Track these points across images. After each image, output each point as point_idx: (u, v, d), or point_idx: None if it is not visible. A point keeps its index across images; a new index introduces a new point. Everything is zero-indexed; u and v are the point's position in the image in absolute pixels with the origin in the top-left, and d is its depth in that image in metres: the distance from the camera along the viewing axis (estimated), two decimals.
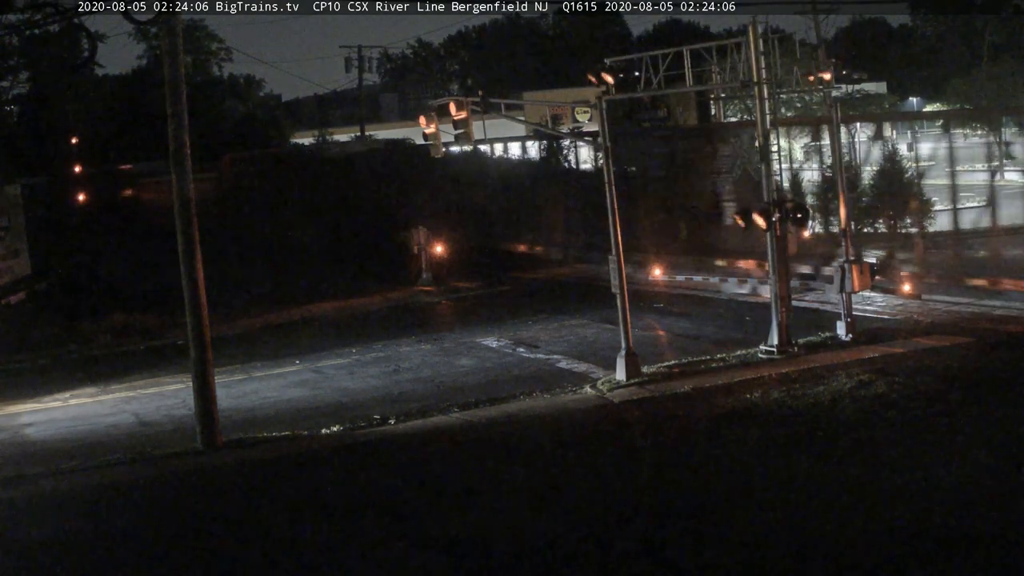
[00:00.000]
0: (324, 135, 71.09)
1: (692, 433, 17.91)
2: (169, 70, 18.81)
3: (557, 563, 12.92)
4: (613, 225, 21.82)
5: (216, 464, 17.88)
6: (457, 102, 22.06)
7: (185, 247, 18.83)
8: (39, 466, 18.10)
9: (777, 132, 24.88)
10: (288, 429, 19.61)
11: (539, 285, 35.58)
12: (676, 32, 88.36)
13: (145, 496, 16.49)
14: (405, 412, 20.22)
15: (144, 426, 21.03)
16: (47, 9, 20.73)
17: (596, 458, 16.97)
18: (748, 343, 23.28)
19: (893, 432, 16.77)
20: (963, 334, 22.79)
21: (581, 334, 26.78)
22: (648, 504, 14.61)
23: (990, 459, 15.12)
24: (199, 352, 18.94)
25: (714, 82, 25.94)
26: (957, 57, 66.91)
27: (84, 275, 43.03)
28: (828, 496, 14.25)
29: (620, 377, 21.24)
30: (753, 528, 13.40)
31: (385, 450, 18.01)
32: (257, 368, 25.32)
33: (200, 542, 14.42)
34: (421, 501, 15.31)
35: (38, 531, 15.09)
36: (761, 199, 22.62)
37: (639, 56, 24.66)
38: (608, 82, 21.85)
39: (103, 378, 25.20)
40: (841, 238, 24.34)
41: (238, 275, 36.17)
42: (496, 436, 18.34)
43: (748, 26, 22.34)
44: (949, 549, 12.39)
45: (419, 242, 36.27)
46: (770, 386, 19.93)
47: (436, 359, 25.27)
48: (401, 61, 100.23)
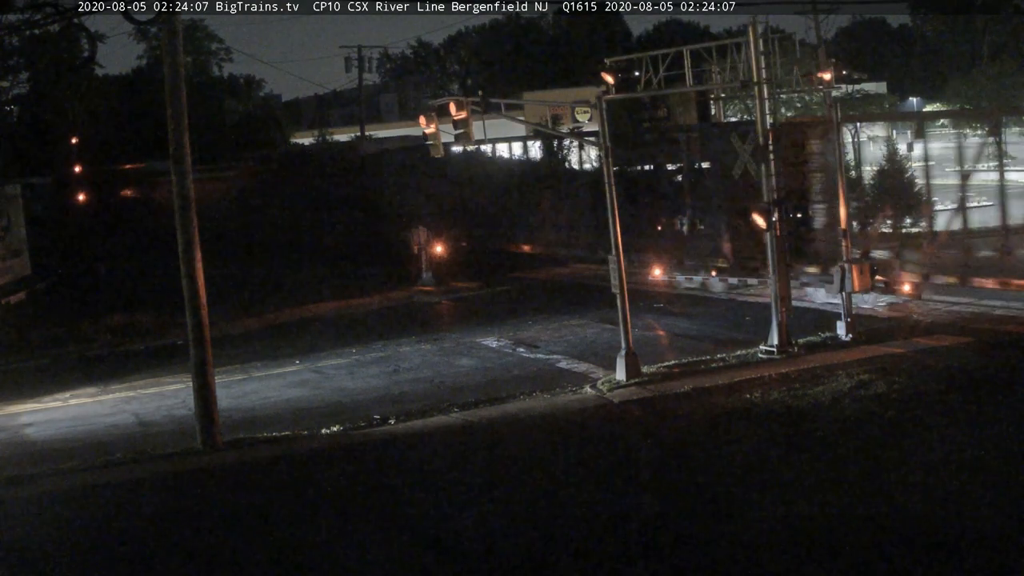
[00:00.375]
0: (324, 135, 71.07)
1: (692, 433, 17.91)
2: (169, 70, 18.81)
3: (557, 563, 12.92)
4: (613, 225, 21.83)
5: (216, 464, 17.88)
6: (457, 102, 22.06)
7: (185, 247, 18.83)
8: (39, 466, 18.09)
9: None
10: (288, 429, 19.61)
11: (539, 285, 35.59)
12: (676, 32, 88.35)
13: (145, 496, 16.48)
14: (405, 412, 20.22)
15: (144, 426, 21.03)
16: (47, 9, 20.74)
17: (596, 458, 16.97)
18: (748, 343, 23.28)
19: (893, 432, 16.78)
20: (963, 334, 22.80)
21: (581, 334, 26.79)
22: (648, 504, 14.61)
23: (990, 459, 15.13)
24: (199, 352, 18.93)
25: (714, 82, 25.94)
26: (957, 57, 66.92)
27: (84, 275, 43.10)
28: (828, 496, 14.25)
29: (620, 377, 21.25)
30: (753, 528, 13.40)
31: (385, 450, 18.01)
32: (257, 368, 25.33)
33: (200, 542, 14.42)
34: (421, 501, 15.30)
35: (38, 531, 15.09)
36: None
37: (639, 56, 24.69)
38: (608, 82, 21.86)
39: (103, 378, 25.20)
40: (841, 238, 24.35)
41: (246, 274, 36.27)
42: (496, 436, 18.34)
43: (748, 26, 22.35)
44: (949, 549, 12.40)
45: (419, 242, 36.28)
46: (770, 386, 19.93)
47: (436, 359, 25.27)
48: (401, 61, 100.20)
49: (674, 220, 36.11)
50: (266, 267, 41.75)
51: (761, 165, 22.39)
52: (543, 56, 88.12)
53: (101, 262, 47.17)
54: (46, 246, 46.70)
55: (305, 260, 43.98)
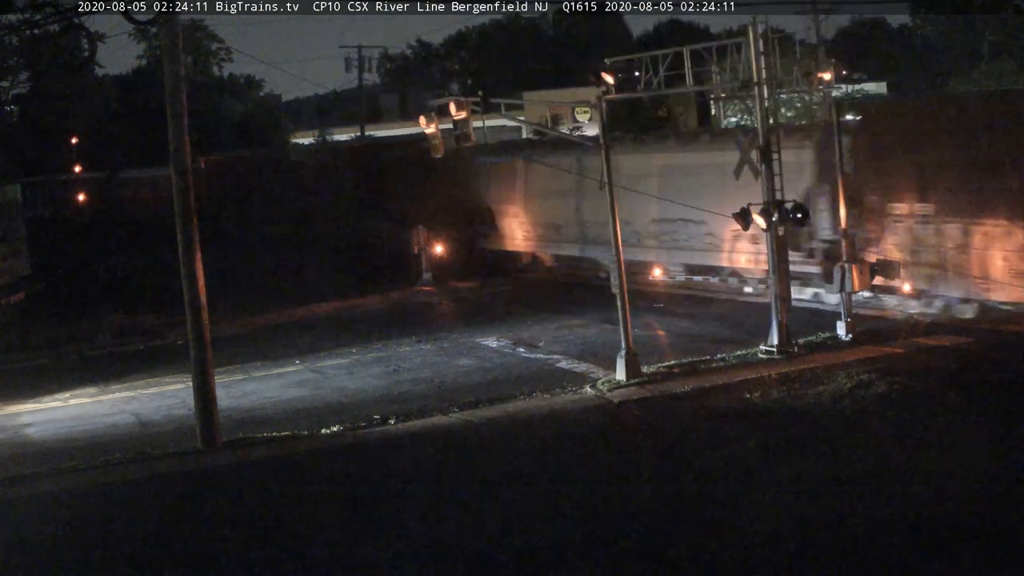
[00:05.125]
0: (324, 135, 71.00)
1: (692, 433, 17.91)
2: (169, 70, 18.81)
3: (557, 563, 12.92)
4: (613, 225, 21.84)
5: (216, 464, 17.88)
6: (457, 102, 22.05)
7: (185, 247, 18.83)
8: (39, 466, 18.09)
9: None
10: (288, 429, 19.61)
11: (539, 285, 35.58)
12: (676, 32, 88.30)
13: (145, 496, 16.48)
14: (405, 412, 20.22)
15: (144, 426, 21.03)
16: (47, 9, 20.75)
17: (596, 458, 16.97)
18: (748, 343, 23.27)
19: (893, 432, 16.78)
20: (963, 334, 22.78)
21: (581, 334, 26.79)
22: (648, 504, 14.61)
23: (989, 459, 15.13)
24: (199, 352, 18.93)
25: (714, 82, 25.93)
26: (957, 57, 66.84)
27: (84, 275, 43.07)
28: (828, 496, 14.26)
29: (620, 377, 21.24)
30: (753, 527, 13.40)
31: (385, 450, 18.01)
32: (257, 368, 25.33)
33: (200, 542, 14.42)
34: (421, 501, 15.30)
35: (38, 531, 15.08)
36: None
37: (639, 56, 24.66)
38: (608, 82, 21.84)
39: (103, 378, 25.21)
40: (841, 238, 24.34)
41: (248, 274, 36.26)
42: (496, 436, 18.33)
43: (748, 26, 22.33)
44: (948, 548, 12.40)
45: (419, 242, 36.28)
46: (770, 386, 19.92)
47: (436, 359, 25.27)
48: (401, 61, 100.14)
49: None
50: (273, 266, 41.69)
51: (762, 166, 22.38)
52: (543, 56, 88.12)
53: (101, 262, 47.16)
54: (46, 246, 46.66)
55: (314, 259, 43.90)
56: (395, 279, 36.24)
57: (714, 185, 27.75)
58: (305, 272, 38.40)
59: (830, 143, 25.02)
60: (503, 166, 38.82)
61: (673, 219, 30.95)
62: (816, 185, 27.45)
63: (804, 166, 27.35)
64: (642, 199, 29.09)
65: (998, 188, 24.09)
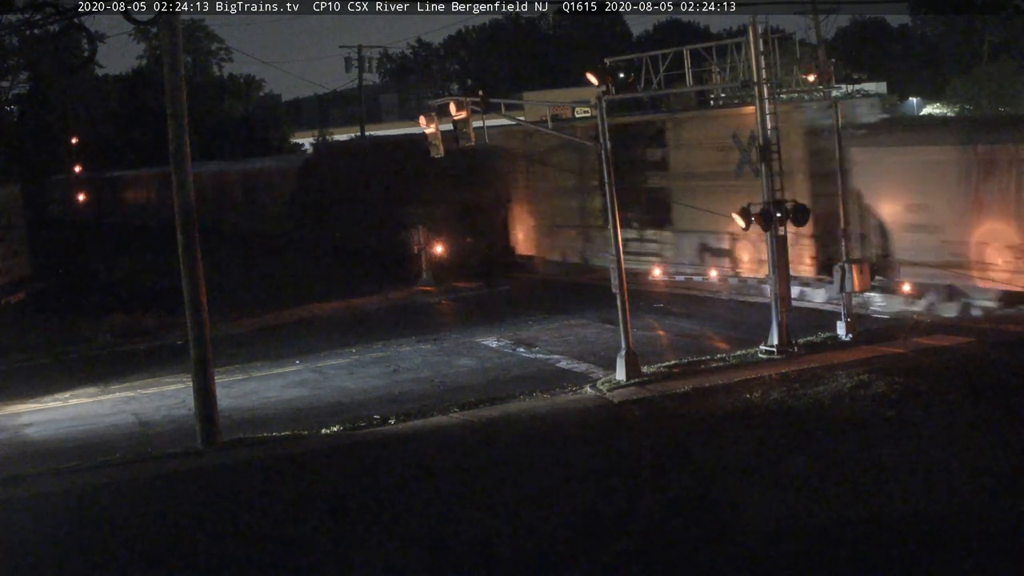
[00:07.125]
0: (324, 135, 71.07)
1: (692, 433, 17.91)
2: (169, 70, 18.80)
3: (557, 563, 12.92)
4: (613, 225, 21.84)
5: (216, 464, 17.88)
6: (457, 102, 22.04)
7: (185, 247, 18.83)
8: (39, 466, 18.09)
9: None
10: (288, 429, 19.61)
11: (539, 285, 35.57)
12: (676, 32, 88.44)
13: (145, 496, 16.48)
14: (405, 412, 20.22)
15: (144, 426, 21.02)
16: (47, 9, 20.75)
17: (596, 458, 16.97)
18: (748, 343, 23.27)
19: (893, 432, 16.78)
20: (963, 334, 22.78)
21: (581, 334, 26.78)
22: (648, 504, 14.61)
23: (989, 459, 15.13)
24: (199, 352, 18.93)
25: (714, 82, 25.93)
26: (957, 57, 66.86)
27: (84, 275, 43.07)
28: (827, 496, 14.26)
29: (620, 377, 21.24)
30: (753, 528, 13.40)
31: (385, 450, 18.01)
32: (257, 368, 25.32)
33: (200, 542, 14.42)
34: (420, 501, 15.31)
35: (38, 531, 15.08)
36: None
37: (639, 56, 24.67)
38: (608, 82, 21.82)
39: (103, 378, 25.18)
40: (841, 238, 24.34)
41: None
42: (496, 436, 18.33)
43: (748, 26, 22.34)
44: (948, 548, 12.40)
45: (419, 242, 36.24)
46: (770, 386, 19.92)
47: (436, 359, 25.26)
48: (401, 61, 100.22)
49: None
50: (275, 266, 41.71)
51: (762, 165, 22.38)
52: (543, 56, 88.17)
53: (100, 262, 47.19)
54: (46, 246, 46.71)
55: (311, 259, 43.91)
56: (395, 279, 36.21)
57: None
58: (305, 272, 38.43)
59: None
60: (506, 165, 38.87)
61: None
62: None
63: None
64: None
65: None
